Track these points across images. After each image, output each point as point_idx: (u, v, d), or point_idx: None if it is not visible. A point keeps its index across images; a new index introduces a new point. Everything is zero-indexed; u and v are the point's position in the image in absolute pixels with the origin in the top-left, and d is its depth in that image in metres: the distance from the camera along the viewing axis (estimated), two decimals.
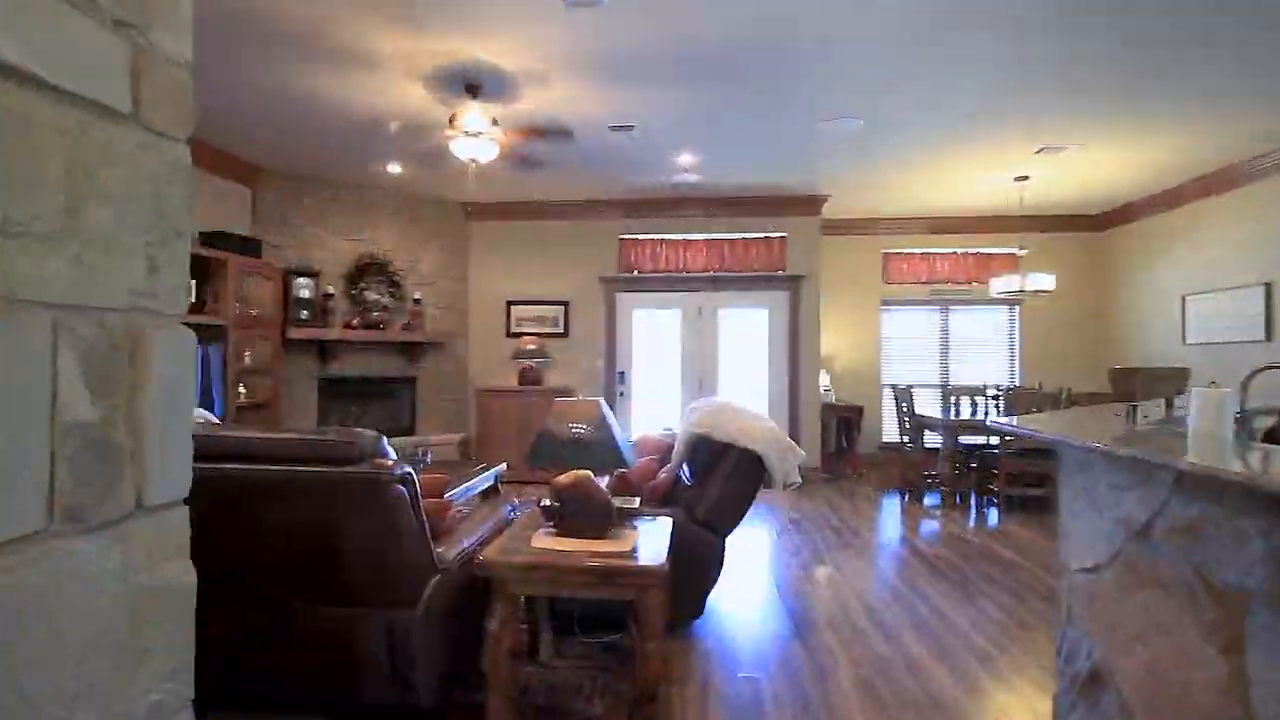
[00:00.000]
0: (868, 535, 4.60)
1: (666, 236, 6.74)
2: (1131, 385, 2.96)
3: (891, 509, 5.42)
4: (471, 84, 3.84)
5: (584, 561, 2.09)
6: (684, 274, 6.71)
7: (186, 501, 0.72)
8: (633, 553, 2.18)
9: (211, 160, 5.14)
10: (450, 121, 3.89)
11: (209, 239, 4.94)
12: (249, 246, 5.18)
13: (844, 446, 7.36)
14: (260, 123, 4.58)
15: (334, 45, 3.46)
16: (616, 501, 2.65)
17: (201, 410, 2.17)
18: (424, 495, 2.50)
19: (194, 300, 4.75)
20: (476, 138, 3.92)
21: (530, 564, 2.09)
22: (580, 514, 2.33)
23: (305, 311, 5.79)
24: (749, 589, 3.49)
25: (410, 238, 6.49)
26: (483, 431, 6.50)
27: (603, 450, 2.30)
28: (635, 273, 6.77)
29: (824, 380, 6.96)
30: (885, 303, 7.49)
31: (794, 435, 6.50)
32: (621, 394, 6.76)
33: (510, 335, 6.89)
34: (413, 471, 1.99)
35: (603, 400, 2.47)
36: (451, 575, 2.19)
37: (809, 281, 6.58)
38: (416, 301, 6.36)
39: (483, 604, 2.22)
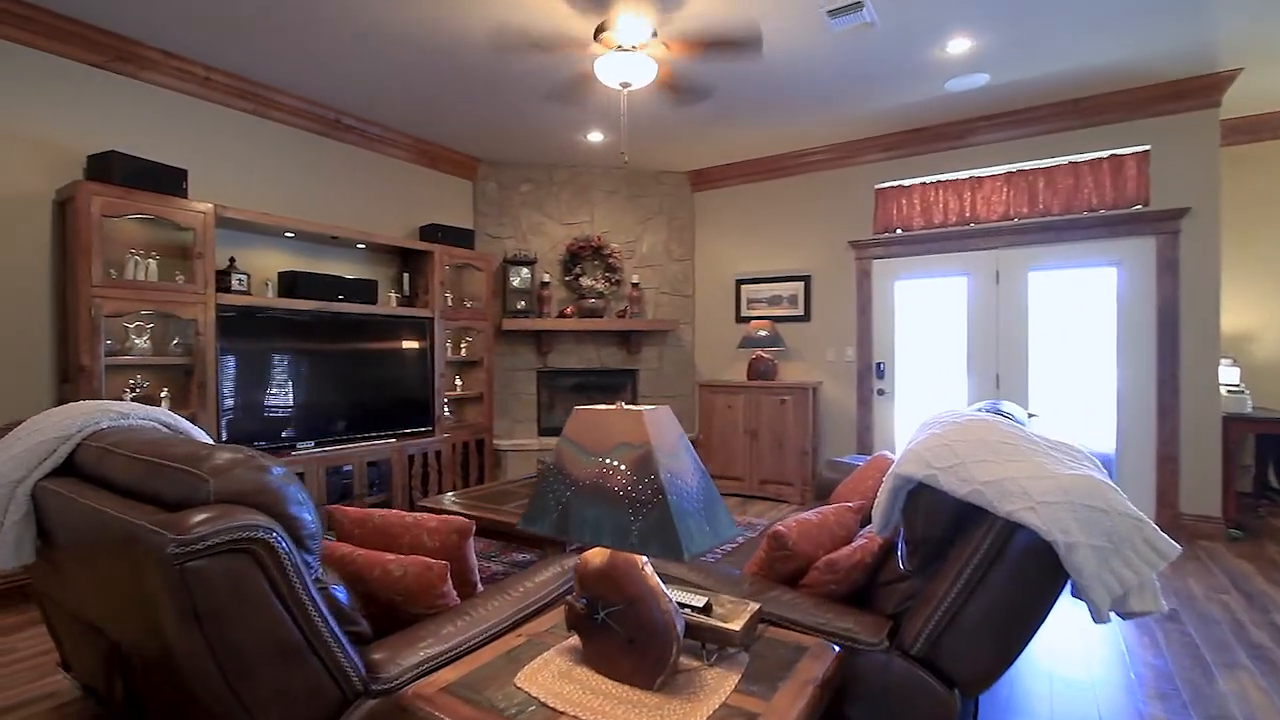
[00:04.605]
0: None
1: (943, 177, 4.90)
2: None
3: None
4: None
5: None
6: (971, 226, 4.79)
7: None
8: None
9: (432, 156, 5.17)
10: (596, 36, 3.01)
11: (425, 232, 4.95)
12: (461, 238, 5.08)
13: (1270, 485, 4.56)
14: (456, 106, 4.34)
15: None
16: (725, 599, 1.44)
17: (156, 410, 1.63)
18: (429, 552, 1.66)
19: (403, 294, 4.77)
20: (630, 53, 2.98)
21: None
22: (617, 632, 1.22)
23: (522, 301, 5.57)
24: None
25: (628, 216, 5.88)
26: (705, 434, 5.56)
27: (653, 511, 1.15)
28: (899, 231, 5.08)
29: (1228, 376, 4.34)
30: None
31: (1168, 467, 4.12)
32: (880, 392, 5.16)
33: (740, 320, 5.82)
34: (278, 532, 1.13)
35: (665, 410, 1.30)
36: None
37: (1199, 218, 4.09)
38: (635, 286, 5.71)
39: None
